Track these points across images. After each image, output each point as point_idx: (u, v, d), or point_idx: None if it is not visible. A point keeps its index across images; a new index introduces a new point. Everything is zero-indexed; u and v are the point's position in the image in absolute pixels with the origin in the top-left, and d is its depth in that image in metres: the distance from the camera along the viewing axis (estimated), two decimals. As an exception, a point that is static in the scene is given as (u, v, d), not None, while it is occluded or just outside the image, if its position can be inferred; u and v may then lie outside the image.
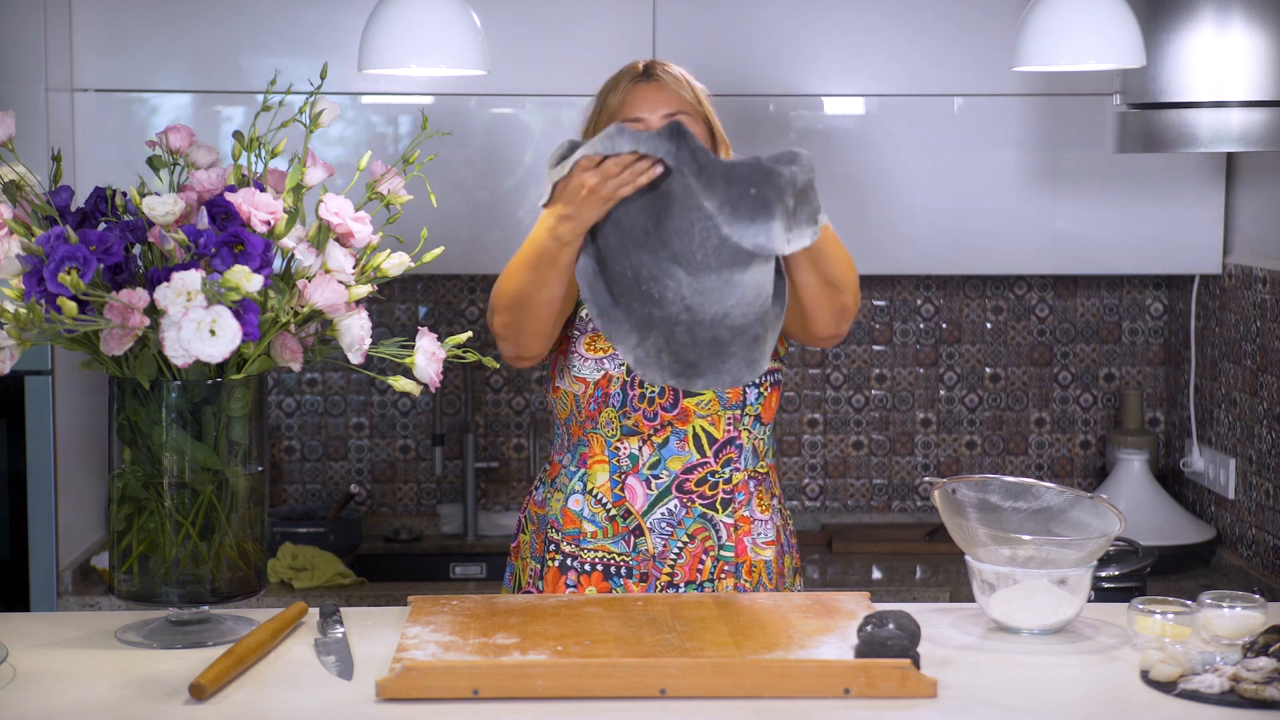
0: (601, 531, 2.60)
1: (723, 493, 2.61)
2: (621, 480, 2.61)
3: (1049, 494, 2.42)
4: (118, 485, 2.22)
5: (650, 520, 2.60)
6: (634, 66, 2.66)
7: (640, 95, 2.62)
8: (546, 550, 2.65)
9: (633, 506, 2.60)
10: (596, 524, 2.60)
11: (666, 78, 2.63)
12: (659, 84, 2.62)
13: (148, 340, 2.11)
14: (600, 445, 2.62)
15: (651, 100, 2.61)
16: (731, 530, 2.61)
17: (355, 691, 2.06)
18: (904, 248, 3.76)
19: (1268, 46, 3.09)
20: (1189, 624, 2.21)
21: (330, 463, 4.11)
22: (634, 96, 2.62)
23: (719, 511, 2.61)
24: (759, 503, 2.65)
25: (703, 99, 2.65)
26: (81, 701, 2.02)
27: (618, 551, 2.60)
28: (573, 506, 2.62)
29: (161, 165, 2.27)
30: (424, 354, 2.25)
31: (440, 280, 4.06)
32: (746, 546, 2.62)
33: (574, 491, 2.63)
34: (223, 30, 3.62)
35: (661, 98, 2.61)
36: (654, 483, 2.60)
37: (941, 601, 3.55)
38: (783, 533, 2.70)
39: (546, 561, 2.64)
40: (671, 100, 2.61)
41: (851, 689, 2.03)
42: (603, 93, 2.66)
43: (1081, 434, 4.16)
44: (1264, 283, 3.55)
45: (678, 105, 2.61)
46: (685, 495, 2.60)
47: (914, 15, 3.70)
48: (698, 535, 2.60)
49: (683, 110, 2.61)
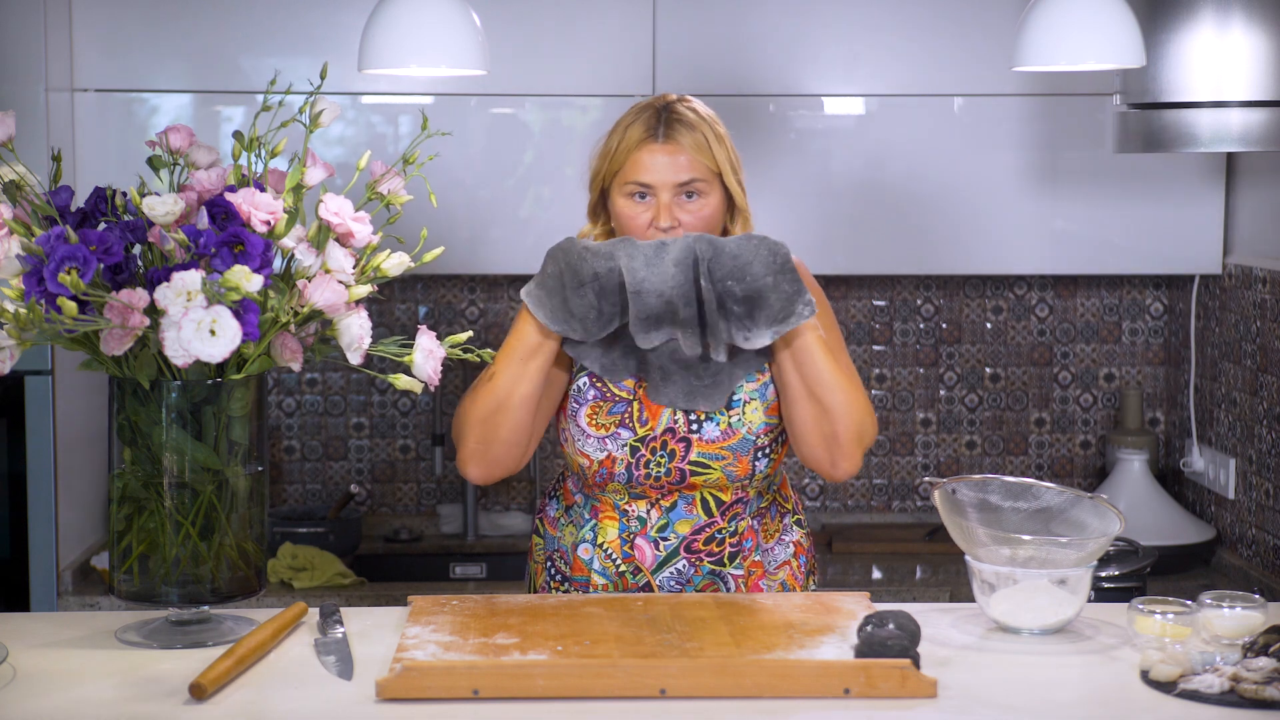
0: (611, 585, 2.56)
1: (729, 547, 2.56)
2: (630, 539, 2.56)
3: (1049, 494, 2.42)
4: (118, 485, 2.22)
5: (659, 578, 2.55)
6: (651, 112, 2.50)
7: (652, 158, 2.46)
8: (551, 579, 2.62)
9: (642, 564, 2.55)
10: (607, 577, 2.55)
11: (684, 137, 2.46)
12: (674, 147, 2.46)
13: (148, 340, 2.11)
14: (610, 505, 2.57)
15: (664, 165, 2.46)
16: (742, 581, 2.57)
17: (355, 691, 2.06)
18: (904, 248, 3.76)
19: (1268, 46, 3.09)
20: (1189, 624, 2.21)
21: (330, 463, 4.11)
22: (645, 158, 2.47)
23: (727, 565, 2.57)
24: (765, 531, 2.61)
25: (721, 160, 2.49)
26: (81, 701, 2.02)
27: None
28: (583, 555, 2.57)
29: (161, 165, 2.27)
30: (422, 352, 2.25)
31: (440, 280, 4.06)
32: (761, 587, 2.59)
33: (584, 540, 2.57)
34: (223, 30, 3.62)
35: (676, 162, 2.46)
36: (662, 544, 2.55)
37: (941, 601, 3.55)
38: (803, 546, 2.67)
39: (552, 592, 2.61)
40: (686, 166, 2.46)
41: (851, 689, 2.03)
42: (614, 132, 2.51)
43: (1081, 434, 4.16)
44: (1264, 283, 3.55)
45: (691, 172, 2.47)
46: (694, 555, 2.56)
47: (914, 15, 3.70)
48: (706, 589, 2.56)
49: (697, 176, 2.47)
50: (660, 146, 2.48)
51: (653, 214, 2.49)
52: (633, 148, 2.48)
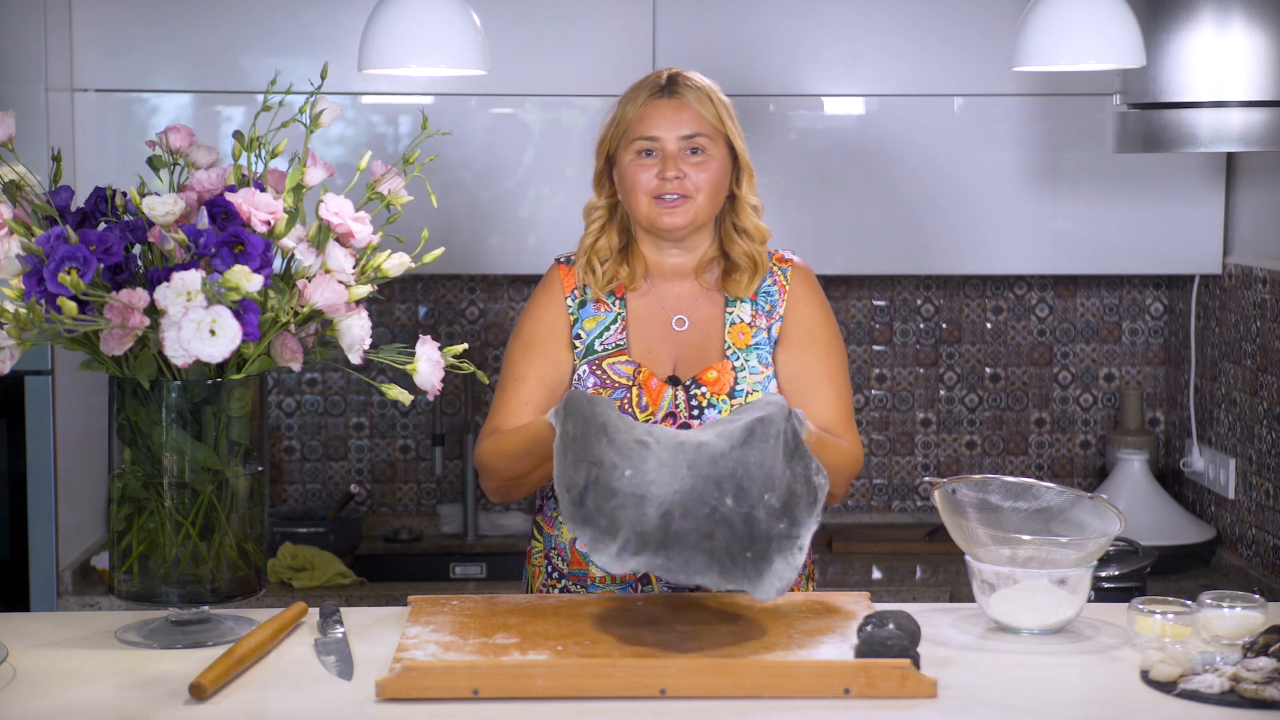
0: (609, 577, 2.55)
1: None
2: None
3: (1049, 494, 2.42)
4: (118, 485, 2.22)
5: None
6: (656, 78, 2.57)
7: (658, 112, 2.53)
8: (549, 577, 2.61)
9: None
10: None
11: (688, 94, 2.53)
12: (679, 101, 2.53)
13: (148, 340, 2.11)
14: None
15: (670, 119, 2.52)
16: None
17: (355, 691, 2.06)
18: (904, 248, 3.76)
19: (1268, 46, 3.09)
20: (1189, 624, 2.21)
21: (330, 463, 4.11)
22: (651, 113, 2.53)
23: None
24: None
25: (725, 118, 2.55)
26: (81, 701, 2.02)
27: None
28: (580, 549, 2.55)
29: (161, 165, 2.27)
30: (427, 361, 2.25)
31: (440, 280, 4.06)
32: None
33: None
34: (223, 30, 3.62)
35: (681, 117, 2.52)
36: None
37: (941, 601, 3.55)
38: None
39: (550, 589, 2.60)
40: (690, 121, 2.53)
41: (851, 689, 2.03)
42: (622, 102, 2.57)
43: (1081, 434, 4.16)
44: (1264, 283, 3.55)
45: (696, 126, 2.53)
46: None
47: (914, 15, 3.70)
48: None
49: (701, 131, 2.53)
50: (666, 101, 2.54)
51: (659, 168, 2.52)
52: (640, 106, 2.54)
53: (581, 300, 2.59)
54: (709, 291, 2.60)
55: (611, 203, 2.61)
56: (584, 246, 2.61)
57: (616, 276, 2.59)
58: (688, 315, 2.59)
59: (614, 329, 2.58)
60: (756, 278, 2.58)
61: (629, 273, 2.59)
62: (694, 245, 2.60)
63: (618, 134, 2.56)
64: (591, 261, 2.59)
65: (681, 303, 2.60)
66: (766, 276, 2.60)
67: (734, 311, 2.58)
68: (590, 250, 2.60)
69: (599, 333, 2.58)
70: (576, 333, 2.58)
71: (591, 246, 2.60)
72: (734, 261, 2.59)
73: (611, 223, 2.61)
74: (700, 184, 2.52)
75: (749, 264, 2.58)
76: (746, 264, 2.58)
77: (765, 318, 2.58)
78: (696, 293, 2.60)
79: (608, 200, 2.61)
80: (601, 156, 2.60)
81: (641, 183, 2.53)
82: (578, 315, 2.59)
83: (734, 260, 2.58)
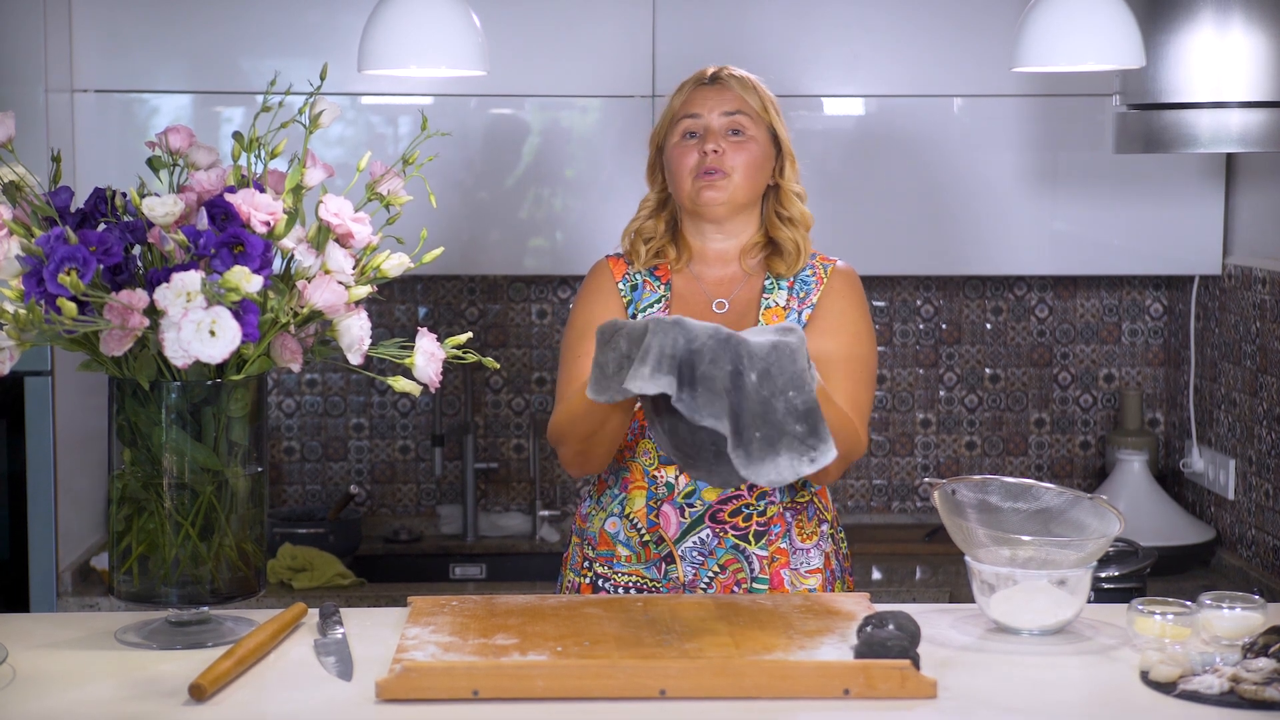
0: (635, 556, 2.59)
1: (756, 525, 2.58)
2: (657, 506, 2.59)
3: (1049, 495, 2.42)
4: (118, 486, 2.22)
5: (682, 548, 2.57)
6: (702, 71, 2.69)
7: (701, 96, 2.65)
8: (583, 566, 2.65)
9: (666, 533, 2.58)
10: (630, 548, 2.59)
11: (731, 81, 2.66)
12: (722, 85, 2.66)
13: (147, 341, 2.11)
14: (639, 472, 2.61)
15: (713, 101, 2.64)
16: (766, 563, 2.57)
17: (355, 692, 2.06)
18: (904, 248, 3.76)
19: (1268, 47, 3.09)
20: (1189, 624, 2.21)
21: (330, 463, 4.11)
22: (695, 96, 2.66)
23: (752, 544, 2.57)
24: (799, 531, 2.61)
25: (769, 106, 2.67)
26: (81, 702, 2.02)
27: (650, 577, 2.59)
28: (609, 529, 2.61)
29: (161, 166, 2.27)
30: (423, 354, 2.25)
31: (440, 281, 4.06)
32: (784, 579, 2.58)
33: (612, 514, 2.62)
34: (223, 30, 3.63)
35: (723, 98, 2.64)
36: (688, 511, 2.58)
37: (941, 602, 3.55)
38: (833, 559, 2.66)
39: (582, 576, 2.64)
40: (732, 100, 2.64)
41: (851, 690, 2.03)
42: (670, 96, 2.69)
43: (1081, 434, 4.16)
44: (1264, 283, 3.55)
45: (737, 105, 2.64)
46: (718, 525, 2.57)
47: (914, 15, 3.70)
48: (729, 566, 2.57)
49: (742, 110, 2.64)
50: (709, 88, 2.67)
51: (700, 145, 2.62)
52: (687, 93, 2.67)
53: (633, 284, 2.69)
54: (750, 277, 2.68)
55: (662, 196, 2.73)
56: (630, 228, 2.72)
57: (662, 254, 2.69)
58: (727, 299, 2.67)
59: (658, 307, 2.66)
60: (800, 260, 2.67)
61: (675, 255, 2.69)
62: (736, 230, 2.68)
63: (665, 123, 2.68)
64: (636, 242, 2.70)
65: (722, 287, 2.68)
66: (806, 267, 2.68)
67: (770, 296, 2.65)
68: (636, 232, 2.71)
69: (646, 308, 2.67)
70: (632, 313, 2.66)
71: (638, 229, 2.71)
72: (779, 245, 2.68)
73: (660, 211, 2.72)
74: (737, 164, 2.62)
75: (794, 248, 2.67)
76: (792, 248, 2.67)
77: (799, 303, 2.65)
78: (738, 277, 2.68)
79: (658, 194, 2.73)
80: (653, 147, 2.72)
81: (685, 163, 2.63)
82: (631, 297, 2.68)
83: (779, 244, 2.68)
